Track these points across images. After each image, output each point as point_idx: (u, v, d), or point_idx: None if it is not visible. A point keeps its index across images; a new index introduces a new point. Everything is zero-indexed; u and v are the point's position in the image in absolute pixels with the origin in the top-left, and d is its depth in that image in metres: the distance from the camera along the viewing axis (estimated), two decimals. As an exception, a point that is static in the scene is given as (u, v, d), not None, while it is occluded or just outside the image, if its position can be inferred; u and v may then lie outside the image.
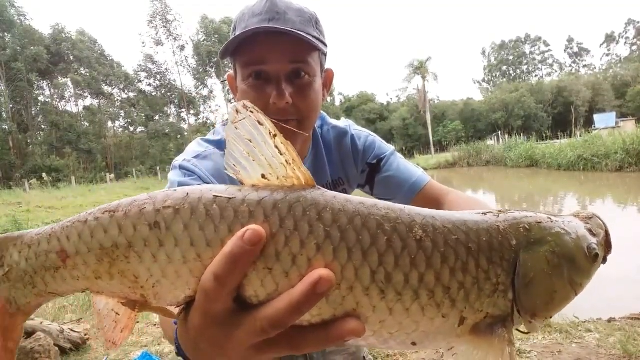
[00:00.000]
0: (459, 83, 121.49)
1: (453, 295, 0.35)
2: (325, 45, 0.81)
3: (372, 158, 0.98)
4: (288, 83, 0.75)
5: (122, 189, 21.83)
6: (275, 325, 0.31)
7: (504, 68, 63.44)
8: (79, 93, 42.58)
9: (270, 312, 0.31)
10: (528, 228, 0.39)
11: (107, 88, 43.98)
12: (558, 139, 25.40)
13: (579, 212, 0.44)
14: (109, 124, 45.32)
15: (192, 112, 47.93)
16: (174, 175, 0.81)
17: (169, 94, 46.65)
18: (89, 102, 44.43)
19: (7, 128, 33.95)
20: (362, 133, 1.01)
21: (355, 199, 0.37)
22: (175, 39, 44.78)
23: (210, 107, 48.62)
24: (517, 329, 0.43)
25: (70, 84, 41.28)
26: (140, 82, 45.96)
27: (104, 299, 0.38)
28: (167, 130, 43.42)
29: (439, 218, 0.37)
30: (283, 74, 0.75)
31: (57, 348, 2.85)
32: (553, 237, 0.39)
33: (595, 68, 62.90)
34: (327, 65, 0.89)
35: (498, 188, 16.05)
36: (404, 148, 43.00)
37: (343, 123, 1.03)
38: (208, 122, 49.05)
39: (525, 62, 63.22)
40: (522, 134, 30.53)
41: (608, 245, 0.42)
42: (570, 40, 65.25)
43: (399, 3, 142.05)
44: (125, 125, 46.23)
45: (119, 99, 45.57)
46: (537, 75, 62.38)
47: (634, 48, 57.22)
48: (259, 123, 0.35)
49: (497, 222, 0.39)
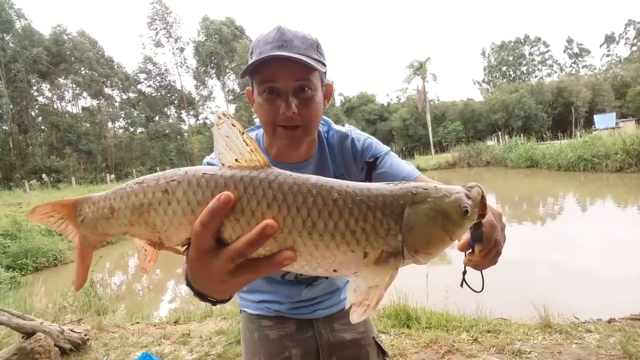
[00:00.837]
0: (459, 83, 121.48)
1: (358, 237, 0.49)
2: (325, 65, 0.99)
3: (369, 157, 1.12)
4: (294, 97, 0.92)
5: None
6: (239, 255, 0.46)
7: (504, 69, 63.36)
8: (79, 93, 42.57)
9: (236, 246, 0.46)
10: (415, 192, 0.52)
11: (107, 89, 43.97)
12: (558, 140, 25.32)
13: (466, 183, 0.57)
14: (109, 125, 45.31)
15: (191, 112, 47.96)
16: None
17: (169, 95, 46.65)
18: (89, 102, 44.43)
19: (7, 129, 33.90)
20: (361, 136, 1.16)
21: (297, 175, 0.50)
22: (176, 41, 44.86)
23: (210, 108, 48.58)
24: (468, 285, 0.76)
25: (71, 85, 41.28)
26: (140, 83, 45.97)
27: (138, 240, 0.55)
28: (167, 131, 43.43)
29: (352, 186, 0.51)
30: (290, 90, 0.92)
31: (57, 348, 2.85)
32: (433, 198, 0.52)
33: (595, 68, 62.80)
34: (329, 66, 1.04)
35: (498, 188, 16.05)
36: (404, 149, 42.93)
37: (345, 128, 1.19)
38: (208, 122, 49.10)
39: (525, 62, 63.19)
40: (522, 135, 30.31)
41: (483, 206, 0.55)
42: (570, 41, 65.18)
43: (399, 3, 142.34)
44: (126, 126, 46.11)
45: (119, 100, 45.59)
46: (537, 76, 62.32)
47: (634, 49, 57.19)
48: (233, 125, 0.50)
49: (393, 189, 0.52)
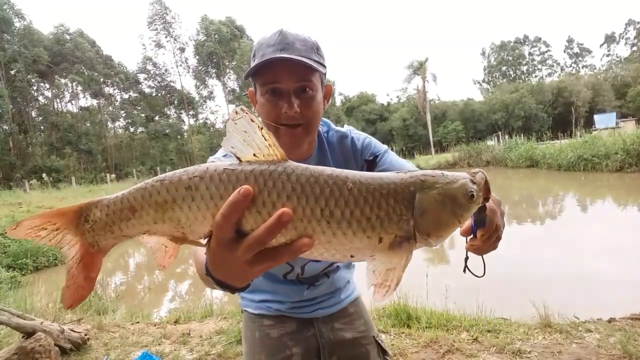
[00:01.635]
0: (459, 83, 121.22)
1: (373, 223, 0.51)
2: (325, 67, 1.02)
3: (369, 155, 1.15)
4: (296, 97, 0.96)
5: (122, 190, 21.78)
6: (258, 243, 0.47)
7: (504, 68, 63.25)
8: (79, 93, 42.58)
9: (255, 234, 0.48)
10: (423, 180, 0.54)
11: (108, 88, 43.95)
12: (558, 140, 25.30)
13: (470, 169, 0.59)
14: (109, 125, 45.27)
15: (191, 112, 47.92)
16: None
17: (169, 96, 46.59)
18: (90, 102, 44.39)
19: (7, 129, 33.85)
20: (360, 135, 1.20)
21: (313, 167, 0.52)
22: (175, 40, 44.83)
23: (210, 108, 48.56)
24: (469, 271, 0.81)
25: (71, 84, 41.27)
26: (140, 83, 45.91)
27: (155, 238, 0.55)
28: (167, 131, 43.38)
29: (365, 175, 0.53)
30: (292, 90, 0.96)
31: (57, 348, 2.85)
32: (441, 184, 0.55)
33: (596, 68, 62.65)
34: (329, 67, 1.08)
35: (498, 189, 16.02)
36: (404, 148, 42.75)
37: (345, 128, 1.22)
38: (208, 122, 49.12)
39: (525, 62, 63.11)
40: (522, 135, 30.25)
41: (487, 190, 0.58)
42: (570, 41, 65.06)
43: (399, 3, 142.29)
44: (126, 126, 46.08)
45: (119, 100, 45.55)
46: (537, 76, 62.22)
47: (634, 48, 57.13)
48: (252, 120, 0.51)
49: (403, 177, 0.54)
